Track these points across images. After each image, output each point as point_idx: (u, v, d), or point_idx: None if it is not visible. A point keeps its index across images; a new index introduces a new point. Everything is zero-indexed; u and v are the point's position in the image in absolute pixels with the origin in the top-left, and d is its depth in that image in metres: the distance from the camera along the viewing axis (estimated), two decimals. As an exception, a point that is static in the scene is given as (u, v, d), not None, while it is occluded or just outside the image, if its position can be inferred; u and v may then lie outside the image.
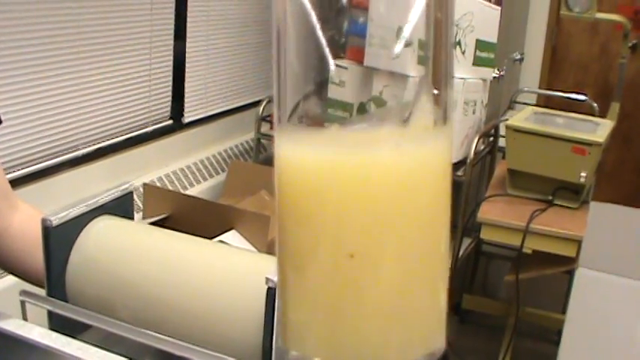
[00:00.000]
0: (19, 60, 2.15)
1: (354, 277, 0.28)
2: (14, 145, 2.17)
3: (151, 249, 0.84)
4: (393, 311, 0.27)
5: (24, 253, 0.94)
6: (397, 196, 0.28)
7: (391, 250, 0.28)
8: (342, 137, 0.27)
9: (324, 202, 0.28)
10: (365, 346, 0.27)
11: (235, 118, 3.41)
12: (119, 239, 0.86)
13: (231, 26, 3.33)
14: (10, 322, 0.76)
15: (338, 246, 0.29)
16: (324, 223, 0.29)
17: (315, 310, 0.27)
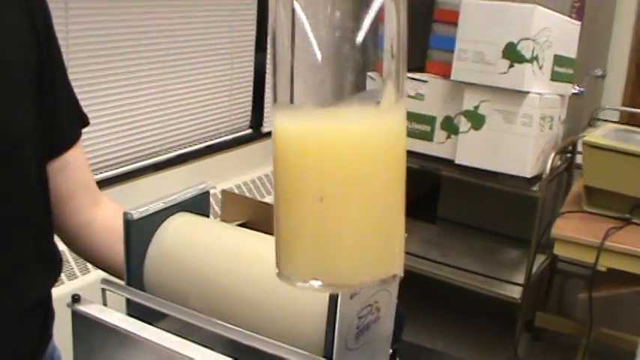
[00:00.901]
0: (108, 68, 2.25)
1: (323, 215, 0.34)
2: (102, 147, 2.28)
3: (224, 244, 0.88)
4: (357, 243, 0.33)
5: (106, 245, 1.01)
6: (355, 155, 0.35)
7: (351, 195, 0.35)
8: (320, 113, 0.33)
9: (303, 160, 0.37)
10: (339, 269, 0.34)
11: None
12: (194, 234, 0.91)
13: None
14: (92, 306, 0.82)
15: (311, 192, 0.35)
16: (302, 176, 0.37)
17: (298, 241, 0.34)
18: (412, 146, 2.81)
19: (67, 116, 1.00)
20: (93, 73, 2.19)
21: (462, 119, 2.60)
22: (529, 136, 2.47)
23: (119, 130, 2.34)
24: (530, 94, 2.45)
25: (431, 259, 2.98)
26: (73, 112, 1.03)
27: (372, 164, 0.34)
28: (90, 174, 1.07)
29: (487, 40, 2.48)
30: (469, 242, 3.21)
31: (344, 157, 0.34)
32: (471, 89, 2.55)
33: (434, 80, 2.73)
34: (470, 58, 2.52)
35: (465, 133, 2.60)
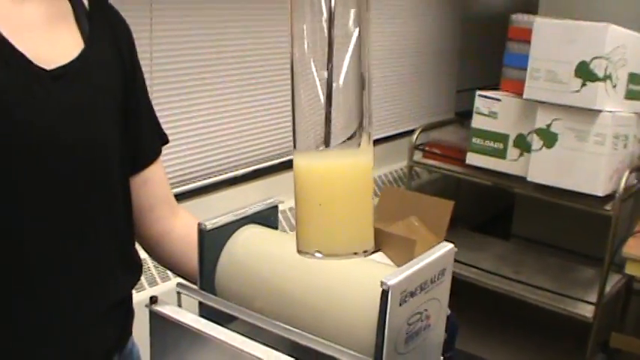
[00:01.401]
0: (188, 87, 2.37)
1: (321, 214, 0.44)
2: (181, 162, 2.39)
3: (288, 254, 0.96)
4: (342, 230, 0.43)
5: (182, 253, 1.10)
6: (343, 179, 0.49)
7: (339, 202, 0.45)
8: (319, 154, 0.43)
9: (309, 183, 0.43)
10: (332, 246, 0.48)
11: (389, 146, 3.52)
12: (262, 245, 0.99)
13: (386, 56, 3.45)
14: (168, 307, 0.90)
15: (314, 200, 0.44)
16: (308, 191, 0.45)
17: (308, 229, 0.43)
18: (485, 163, 2.85)
19: (148, 136, 1.11)
20: (174, 91, 2.32)
21: (535, 137, 2.63)
22: (601, 155, 2.48)
23: (197, 146, 2.45)
24: (603, 113, 2.46)
25: (503, 275, 3.00)
26: (153, 132, 1.13)
27: (353, 183, 0.45)
28: (168, 188, 1.17)
29: (559, 59, 2.50)
30: (542, 259, 3.21)
31: (335, 180, 0.45)
32: (544, 108, 2.58)
33: (507, 98, 2.77)
34: (542, 77, 2.55)
35: (537, 151, 2.62)
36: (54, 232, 0.90)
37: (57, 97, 0.90)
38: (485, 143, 2.84)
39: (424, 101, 3.81)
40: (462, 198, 3.43)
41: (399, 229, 2.82)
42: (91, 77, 0.96)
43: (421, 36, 3.71)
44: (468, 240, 3.36)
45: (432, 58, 3.82)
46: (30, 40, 0.89)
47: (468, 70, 4.10)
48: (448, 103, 4.01)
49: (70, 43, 0.96)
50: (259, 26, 2.63)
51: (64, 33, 0.96)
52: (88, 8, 1.00)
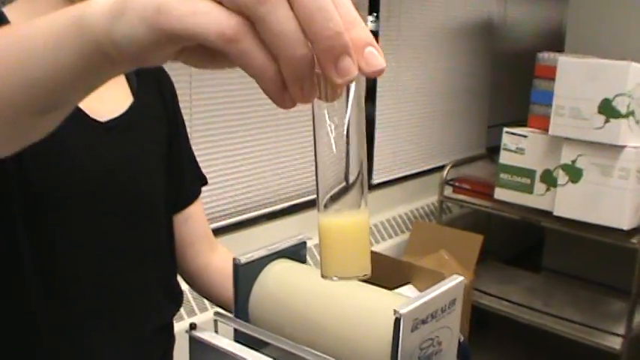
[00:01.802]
0: (226, 127, 2.50)
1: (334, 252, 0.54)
2: (220, 199, 2.51)
3: (314, 286, 1.06)
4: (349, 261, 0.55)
5: (219, 285, 1.21)
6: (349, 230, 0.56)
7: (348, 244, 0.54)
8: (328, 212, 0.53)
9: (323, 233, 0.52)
10: (343, 272, 0.59)
11: (420, 181, 3.61)
12: (291, 277, 1.09)
13: (418, 93, 3.56)
14: (206, 333, 1.01)
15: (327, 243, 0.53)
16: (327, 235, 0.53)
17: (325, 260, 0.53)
18: (513, 198, 2.92)
19: (189, 178, 1.23)
20: (213, 131, 2.45)
21: (561, 172, 2.70)
22: (626, 189, 2.54)
23: (235, 183, 2.57)
24: (627, 148, 2.53)
25: (533, 307, 3.05)
26: (194, 174, 1.26)
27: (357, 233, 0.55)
28: (207, 225, 1.29)
29: (583, 96, 2.58)
30: (572, 292, 3.25)
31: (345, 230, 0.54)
32: (569, 144, 2.65)
33: (533, 135, 2.85)
34: (567, 114, 2.63)
35: (563, 186, 2.69)
36: (106, 264, 1.02)
37: (110, 146, 1.02)
38: (512, 178, 2.91)
39: (455, 137, 3.90)
40: (493, 232, 3.51)
41: (430, 262, 2.90)
42: (140, 128, 1.08)
43: (452, 74, 3.81)
44: (498, 273, 3.42)
45: (463, 95, 3.92)
46: None
47: (500, 106, 4.18)
48: (479, 138, 4.09)
49: (121, 96, 1.08)
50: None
51: (116, 88, 1.08)
52: None
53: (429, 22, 3.57)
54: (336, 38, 0.43)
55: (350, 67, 0.44)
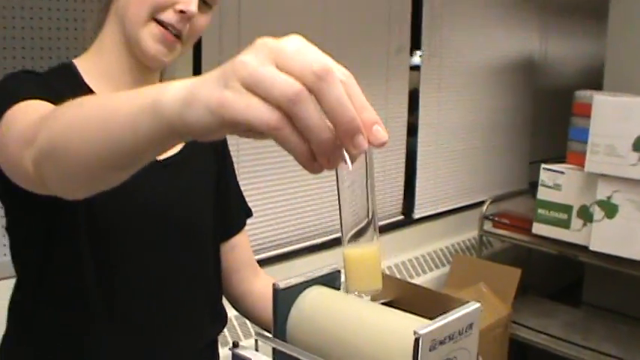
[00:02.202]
0: (272, 163, 2.62)
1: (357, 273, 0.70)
2: (264, 231, 2.63)
3: (347, 310, 1.16)
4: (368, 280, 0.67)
5: (261, 308, 1.33)
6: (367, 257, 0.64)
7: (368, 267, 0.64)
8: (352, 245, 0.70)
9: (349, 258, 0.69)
10: (364, 288, 0.75)
11: (461, 216, 3.68)
12: (326, 302, 1.19)
13: (459, 130, 3.65)
14: (247, 351, 1.12)
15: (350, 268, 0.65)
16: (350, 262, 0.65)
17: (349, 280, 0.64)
18: (551, 233, 2.98)
19: (235, 210, 1.36)
20: (259, 167, 2.57)
21: (597, 208, 2.76)
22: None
23: (280, 216, 2.69)
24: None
25: (572, 342, 3.09)
26: (240, 207, 1.38)
27: (371, 260, 0.66)
28: (251, 253, 1.41)
29: (617, 134, 2.65)
30: (611, 327, 3.28)
31: (362, 259, 0.66)
32: (604, 180, 2.72)
33: (570, 171, 2.91)
34: (602, 151, 2.69)
35: (599, 221, 2.75)
36: (161, 287, 1.14)
37: (167, 181, 1.15)
38: (550, 214, 2.98)
39: (496, 173, 3.97)
40: (533, 266, 3.56)
41: (468, 295, 2.97)
42: (192, 165, 1.22)
43: (493, 110, 3.89)
44: (538, 307, 3.46)
45: (504, 131, 4.00)
46: None
47: (542, 142, 4.24)
48: (521, 174, 4.15)
49: None
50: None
51: None
52: None
53: (470, 60, 3.67)
54: (351, 122, 0.57)
55: (362, 142, 0.58)
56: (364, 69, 3.05)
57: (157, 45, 1.11)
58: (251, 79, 0.56)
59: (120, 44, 1.15)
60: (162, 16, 1.10)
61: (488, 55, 3.80)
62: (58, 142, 0.75)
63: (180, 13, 1.10)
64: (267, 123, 0.56)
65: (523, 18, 4.04)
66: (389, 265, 3.21)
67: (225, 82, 0.57)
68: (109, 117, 0.70)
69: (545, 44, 4.26)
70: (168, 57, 1.14)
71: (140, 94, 0.68)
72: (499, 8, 3.83)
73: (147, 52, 1.12)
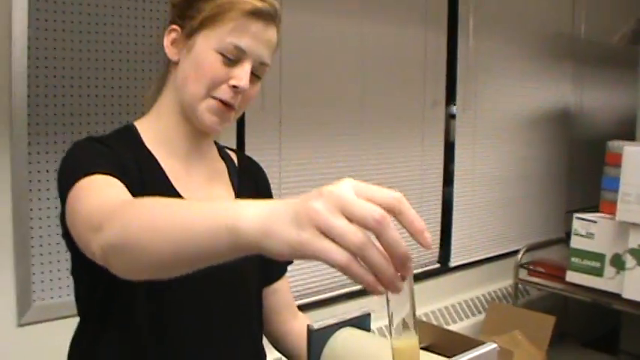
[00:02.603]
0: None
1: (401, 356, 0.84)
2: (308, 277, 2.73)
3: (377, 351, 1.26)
4: None
5: (298, 347, 1.44)
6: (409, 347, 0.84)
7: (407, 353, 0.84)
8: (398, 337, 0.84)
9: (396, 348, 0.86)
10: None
11: (496, 264, 3.74)
12: (356, 343, 1.29)
13: (494, 180, 3.73)
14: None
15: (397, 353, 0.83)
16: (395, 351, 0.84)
17: None
18: (584, 281, 3.04)
19: None
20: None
21: (628, 257, 2.82)
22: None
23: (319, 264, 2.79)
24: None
25: (609, 389, 3.12)
26: None
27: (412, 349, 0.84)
28: (291, 296, 1.54)
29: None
30: (649, 375, 3.30)
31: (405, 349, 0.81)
32: (635, 229, 2.78)
33: (602, 220, 2.98)
34: (633, 201, 2.76)
35: (631, 269, 2.81)
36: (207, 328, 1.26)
37: None
38: (583, 262, 3.04)
39: (532, 222, 4.03)
40: (570, 314, 3.60)
41: (503, 342, 3.02)
42: None
43: (528, 160, 3.97)
44: (575, 355, 3.49)
45: (539, 180, 4.07)
46: (193, 194, 1.28)
47: (579, 191, 4.29)
48: (557, 222, 4.20)
49: (225, 194, 1.35)
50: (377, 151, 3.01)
51: (220, 188, 1.36)
52: (237, 165, 1.40)
53: (504, 111, 3.76)
54: (404, 256, 0.72)
55: (411, 268, 0.74)
56: (402, 122, 3.17)
57: (213, 117, 1.25)
58: (325, 227, 0.69)
59: (177, 112, 1.29)
60: (218, 92, 1.23)
61: (522, 106, 3.89)
62: (130, 241, 0.87)
63: (233, 88, 1.23)
64: (339, 263, 0.69)
65: (556, 69, 4.14)
66: (425, 312, 3.28)
67: (301, 224, 0.70)
68: (186, 229, 0.82)
69: (579, 95, 4.34)
70: (223, 125, 1.28)
71: (214, 210, 0.81)
72: (532, 60, 3.93)
73: (204, 123, 1.26)
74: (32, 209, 1.96)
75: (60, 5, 1.97)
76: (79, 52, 2.02)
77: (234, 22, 1.22)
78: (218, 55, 1.22)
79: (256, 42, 1.24)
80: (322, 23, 2.76)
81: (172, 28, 1.28)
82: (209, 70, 1.22)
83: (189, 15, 1.25)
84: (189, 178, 1.30)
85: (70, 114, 2.02)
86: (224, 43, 1.22)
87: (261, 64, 1.27)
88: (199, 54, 1.24)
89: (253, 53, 1.24)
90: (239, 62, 1.23)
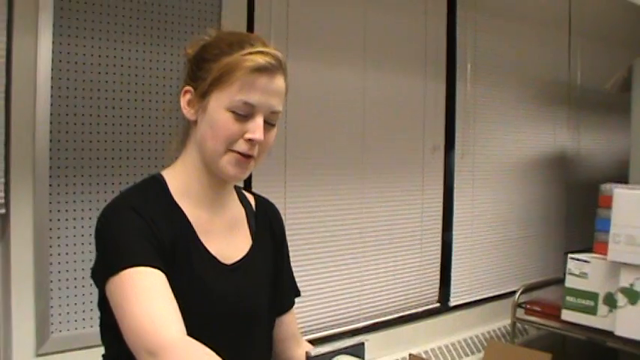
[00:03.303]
0: (318, 251, 2.86)
1: None
2: (313, 313, 2.85)
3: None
4: None
5: None
6: None
7: None
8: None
9: None
10: None
11: (494, 304, 3.84)
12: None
13: (493, 222, 3.84)
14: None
15: None
16: None
17: None
18: (579, 319, 3.14)
19: (287, 292, 1.65)
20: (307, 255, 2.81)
21: (620, 295, 2.92)
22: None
23: (324, 300, 2.91)
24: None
25: None
26: (291, 288, 1.68)
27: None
28: (296, 326, 1.68)
29: (636, 224, 2.83)
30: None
31: None
32: (626, 268, 2.88)
33: (595, 260, 3.09)
34: (623, 241, 2.87)
35: (622, 307, 2.91)
36: None
37: (234, 282, 1.43)
38: (577, 301, 3.14)
39: (530, 262, 4.14)
40: (568, 352, 3.68)
41: (500, 378, 3.11)
42: (256, 266, 1.50)
43: (526, 202, 4.09)
44: (572, 392, 3.57)
45: (537, 222, 4.18)
46: (216, 243, 1.42)
47: (578, 233, 4.39)
48: (555, 263, 4.30)
49: (243, 240, 1.50)
50: (379, 197, 3.13)
51: (239, 234, 1.50)
52: (254, 209, 1.56)
53: (502, 156, 3.90)
54: None
55: None
56: (402, 166, 3.30)
57: (235, 169, 1.36)
58: None
59: (201, 166, 1.40)
60: (236, 146, 1.34)
61: (519, 150, 4.03)
62: None
63: (249, 141, 1.34)
64: None
65: (553, 114, 4.27)
66: (425, 350, 3.38)
67: None
68: None
69: (575, 139, 4.46)
70: (246, 174, 1.40)
71: None
72: (529, 105, 4.07)
73: (228, 175, 1.38)
74: (52, 246, 2.09)
75: (81, 56, 2.13)
76: (98, 99, 2.18)
77: (240, 81, 1.31)
78: (230, 114, 1.32)
79: (265, 95, 1.33)
80: (326, 71, 2.91)
81: (186, 89, 1.39)
82: (224, 129, 1.32)
83: (199, 76, 1.36)
84: (212, 227, 1.43)
85: (89, 158, 2.17)
86: (234, 101, 1.31)
87: (272, 113, 1.37)
88: (213, 115, 1.33)
89: (264, 106, 1.34)
90: (251, 116, 1.33)
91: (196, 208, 1.41)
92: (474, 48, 3.64)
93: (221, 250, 1.42)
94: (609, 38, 4.60)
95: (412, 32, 3.33)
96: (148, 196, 1.37)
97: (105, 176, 2.19)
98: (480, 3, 3.66)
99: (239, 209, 1.53)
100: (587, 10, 4.44)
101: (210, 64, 1.35)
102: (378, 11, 3.13)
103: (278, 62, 1.36)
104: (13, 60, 2.01)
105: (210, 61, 1.35)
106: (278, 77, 1.36)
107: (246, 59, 1.32)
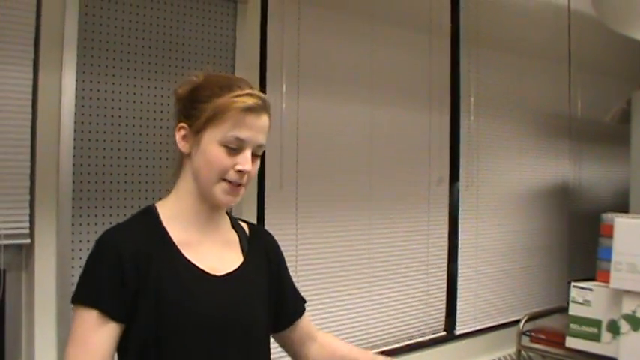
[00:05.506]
0: (327, 279, 2.93)
1: None
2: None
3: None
4: None
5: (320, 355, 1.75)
6: None
7: None
8: None
9: None
10: None
11: (500, 332, 3.88)
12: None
13: (497, 252, 3.91)
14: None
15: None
16: None
17: None
18: (583, 346, 3.19)
19: (292, 301, 1.75)
20: (316, 285, 2.88)
21: (622, 322, 2.98)
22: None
23: (332, 328, 2.97)
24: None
25: None
26: (296, 297, 1.77)
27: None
28: (311, 325, 1.79)
29: (637, 252, 2.90)
30: None
31: None
32: (628, 295, 2.95)
33: (597, 288, 3.15)
34: (624, 269, 2.94)
35: (625, 334, 2.97)
36: None
37: (226, 292, 1.51)
38: (581, 328, 3.20)
39: (535, 291, 4.19)
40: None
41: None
42: (248, 279, 1.58)
43: (529, 232, 4.16)
44: (578, 420, 3.60)
45: (541, 252, 4.24)
46: (207, 260, 1.51)
47: (581, 262, 4.44)
48: (559, 292, 4.35)
49: (234, 258, 1.58)
50: (385, 228, 3.21)
51: (231, 252, 1.59)
52: (248, 234, 1.66)
53: (505, 187, 3.97)
54: None
55: None
56: (408, 199, 3.38)
57: (227, 197, 1.50)
58: None
59: (194, 193, 1.52)
60: (228, 176, 1.48)
61: (522, 181, 4.10)
62: None
63: (239, 172, 1.48)
64: None
65: (555, 146, 4.36)
66: (433, 378, 3.44)
67: None
68: None
69: (577, 170, 4.54)
70: (236, 200, 1.53)
71: None
72: (531, 138, 4.15)
73: (220, 202, 1.51)
74: (74, 275, 2.17)
75: (103, 92, 2.23)
76: (119, 134, 2.27)
77: (232, 119, 1.46)
78: (222, 148, 1.46)
79: (253, 131, 1.48)
80: (335, 108, 3.01)
81: (181, 126, 1.52)
82: (217, 162, 1.46)
83: (193, 115, 1.50)
84: (202, 247, 1.53)
85: (110, 190, 2.25)
86: (227, 137, 1.46)
87: (258, 147, 1.51)
88: (206, 149, 1.47)
89: (252, 140, 1.48)
90: (241, 150, 1.48)
91: (185, 230, 1.52)
92: (477, 83, 3.74)
93: (211, 264, 1.51)
94: (608, 72, 4.70)
95: (417, 68, 3.43)
96: (135, 227, 1.49)
97: (125, 208, 2.27)
98: (482, 39, 3.77)
99: (232, 233, 1.63)
100: (587, 45, 4.55)
101: (203, 105, 1.48)
102: (384, 49, 3.23)
103: (263, 103, 1.51)
104: (38, 96, 2.11)
105: (203, 102, 1.49)
106: (263, 116, 1.51)
107: (236, 100, 1.47)
